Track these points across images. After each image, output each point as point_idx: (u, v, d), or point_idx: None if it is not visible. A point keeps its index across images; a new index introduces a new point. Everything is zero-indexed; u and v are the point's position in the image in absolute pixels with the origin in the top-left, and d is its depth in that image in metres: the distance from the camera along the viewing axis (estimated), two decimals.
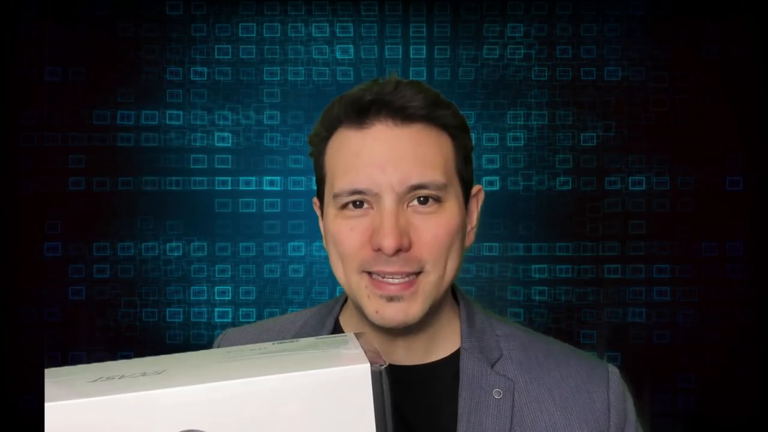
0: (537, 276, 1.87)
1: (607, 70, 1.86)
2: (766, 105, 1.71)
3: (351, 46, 1.87)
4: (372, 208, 0.73)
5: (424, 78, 1.86)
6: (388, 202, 0.71)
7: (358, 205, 0.73)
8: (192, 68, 1.87)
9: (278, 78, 1.88)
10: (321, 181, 0.79)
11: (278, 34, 1.88)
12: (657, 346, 1.84)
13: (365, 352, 0.55)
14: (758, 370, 1.68)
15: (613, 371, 0.81)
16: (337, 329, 0.83)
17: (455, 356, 0.79)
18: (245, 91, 1.88)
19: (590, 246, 1.87)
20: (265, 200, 1.88)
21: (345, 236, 0.73)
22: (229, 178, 1.88)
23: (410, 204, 0.73)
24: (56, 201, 1.82)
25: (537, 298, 1.87)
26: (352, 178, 0.72)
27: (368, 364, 0.51)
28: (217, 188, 1.88)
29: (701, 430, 1.81)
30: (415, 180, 0.72)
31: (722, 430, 1.77)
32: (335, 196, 0.74)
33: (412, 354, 0.79)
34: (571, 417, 0.76)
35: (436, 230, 0.72)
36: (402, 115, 0.73)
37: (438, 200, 0.73)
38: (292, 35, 1.88)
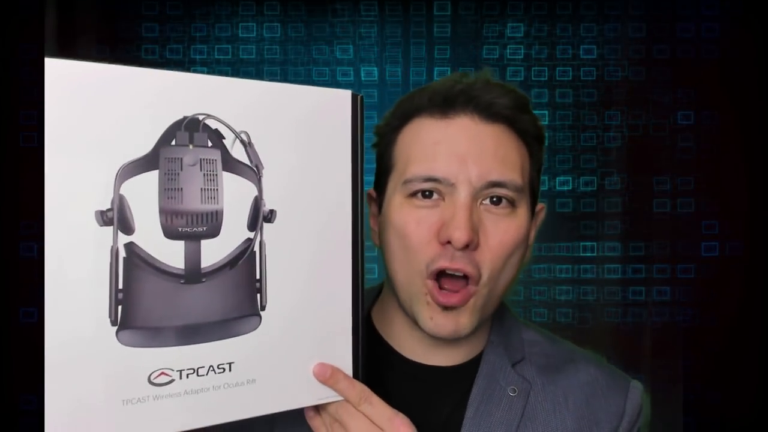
0: (537, 276, 1.87)
1: (607, 70, 1.86)
2: (767, 101, 1.71)
3: (351, 46, 1.87)
4: (443, 200, 0.70)
5: (423, 78, 1.86)
6: (464, 194, 0.68)
7: (427, 195, 0.70)
8: (192, 68, 1.87)
9: (278, 78, 1.88)
10: (386, 172, 0.76)
11: (278, 34, 1.88)
12: (657, 346, 1.84)
13: None
14: (759, 371, 1.68)
15: (636, 386, 0.80)
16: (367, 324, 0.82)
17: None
18: None
19: (590, 246, 1.87)
20: None
21: (412, 229, 0.70)
22: None
23: (483, 202, 0.70)
24: None
25: (537, 297, 1.87)
26: (429, 165, 0.70)
27: (350, 91, 0.64)
28: None
29: (701, 429, 1.81)
30: (495, 177, 0.69)
31: (722, 429, 1.77)
32: (406, 181, 0.71)
33: (451, 359, 0.79)
34: (583, 423, 0.77)
35: (503, 236, 0.70)
36: (488, 112, 0.71)
37: (512, 203, 0.71)
38: (292, 35, 1.88)
